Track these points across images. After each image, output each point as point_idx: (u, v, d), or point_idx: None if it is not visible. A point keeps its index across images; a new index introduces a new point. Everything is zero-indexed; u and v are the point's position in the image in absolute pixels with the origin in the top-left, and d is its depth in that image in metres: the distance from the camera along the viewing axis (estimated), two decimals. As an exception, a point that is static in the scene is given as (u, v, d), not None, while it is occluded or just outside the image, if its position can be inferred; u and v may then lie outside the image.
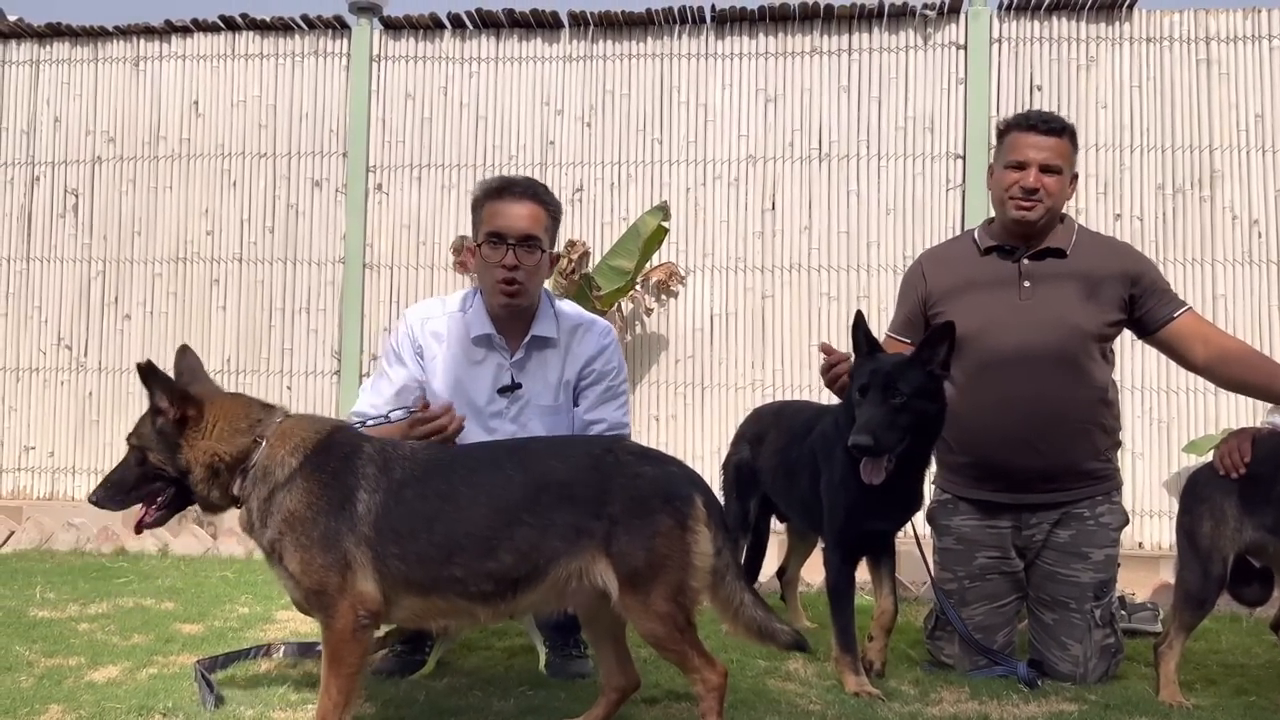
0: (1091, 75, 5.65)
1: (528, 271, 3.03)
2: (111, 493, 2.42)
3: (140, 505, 2.44)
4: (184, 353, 2.57)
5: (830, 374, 3.06)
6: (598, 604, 2.43)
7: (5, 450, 6.30)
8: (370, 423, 2.89)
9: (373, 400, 3.12)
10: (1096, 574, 3.18)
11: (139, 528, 2.48)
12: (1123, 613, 3.83)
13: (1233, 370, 3.16)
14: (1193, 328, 3.19)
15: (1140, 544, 5.36)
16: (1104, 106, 5.63)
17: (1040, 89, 5.64)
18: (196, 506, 2.49)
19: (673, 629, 2.32)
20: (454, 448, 2.77)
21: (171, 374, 2.45)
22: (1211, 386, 4.74)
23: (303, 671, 3.03)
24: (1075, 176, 3.29)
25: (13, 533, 5.47)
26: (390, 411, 2.96)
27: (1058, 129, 3.18)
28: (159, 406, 2.36)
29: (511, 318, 3.12)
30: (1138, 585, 4.64)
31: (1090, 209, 5.54)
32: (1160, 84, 5.62)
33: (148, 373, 2.35)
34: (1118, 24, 5.66)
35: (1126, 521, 3.28)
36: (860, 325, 3.01)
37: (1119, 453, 3.36)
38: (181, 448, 2.35)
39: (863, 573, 3.28)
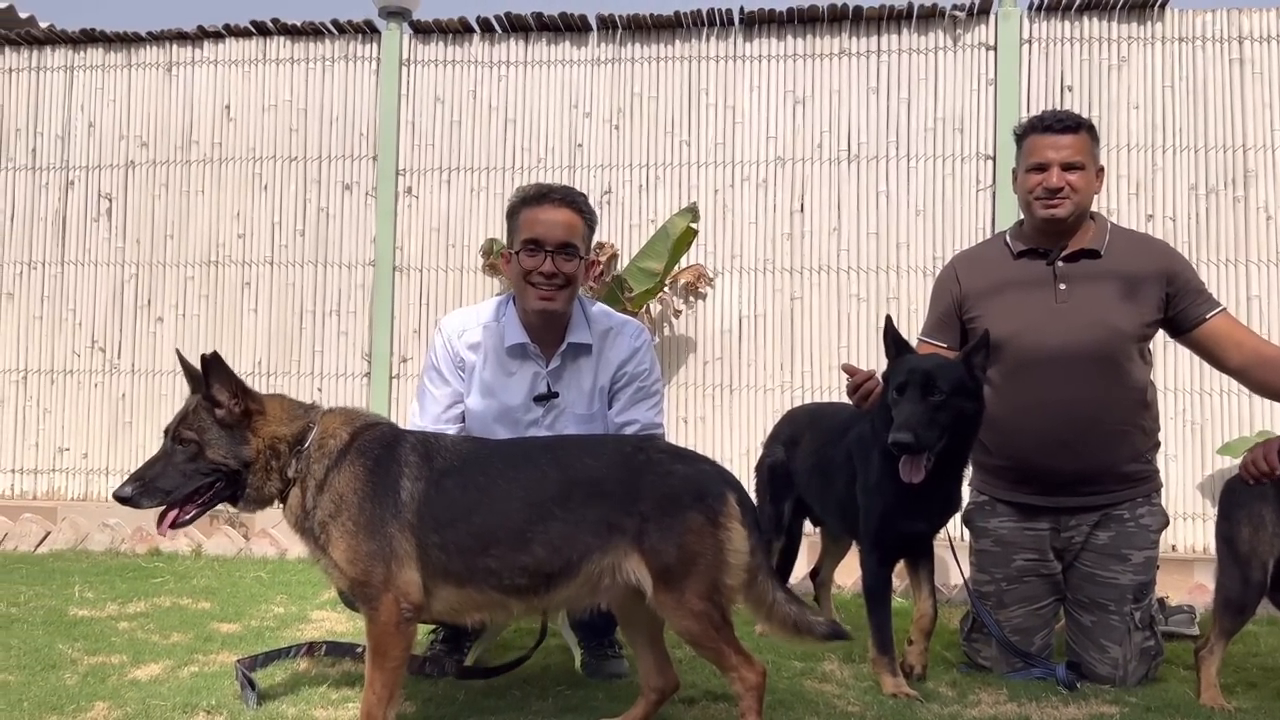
0: (1123, 75, 5.62)
1: (565, 278, 3.05)
2: (148, 489, 2.36)
3: (166, 505, 2.37)
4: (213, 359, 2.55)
5: (859, 393, 3.06)
6: (633, 602, 2.45)
7: (40, 451, 6.37)
8: None
9: (422, 424, 3.12)
10: (1136, 576, 3.16)
11: (173, 526, 2.40)
12: (1160, 615, 3.81)
13: (1267, 376, 3.14)
14: (1226, 330, 3.17)
15: (1174, 547, 5.31)
16: (1136, 107, 5.59)
17: (1071, 89, 5.60)
18: (229, 506, 2.50)
19: (708, 626, 2.33)
20: (491, 441, 2.80)
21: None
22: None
23: (342, 671, 3.05)
24: (1101, 170, 3.28)
25: (49, 533, 5.54)
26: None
27: (1073, 126, 3.17)
28: (219, 400, 2.38)
29: (546, 325, 3.13)
30: (1173, 588, 4.61)
31: (1122, 209, 5.50)
32: (1193, 84, 5.58)
33: (212, 365, 2.37)
34: (1149, 24, 5.62)
35: (1167, 523, 3.27)
36: (891, 329, 3.01)
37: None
38: (248, 439, 2.38)
39: (899, 576, 3.28)
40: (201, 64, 6.38)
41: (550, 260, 3.03)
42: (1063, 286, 3.16)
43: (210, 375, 2.38)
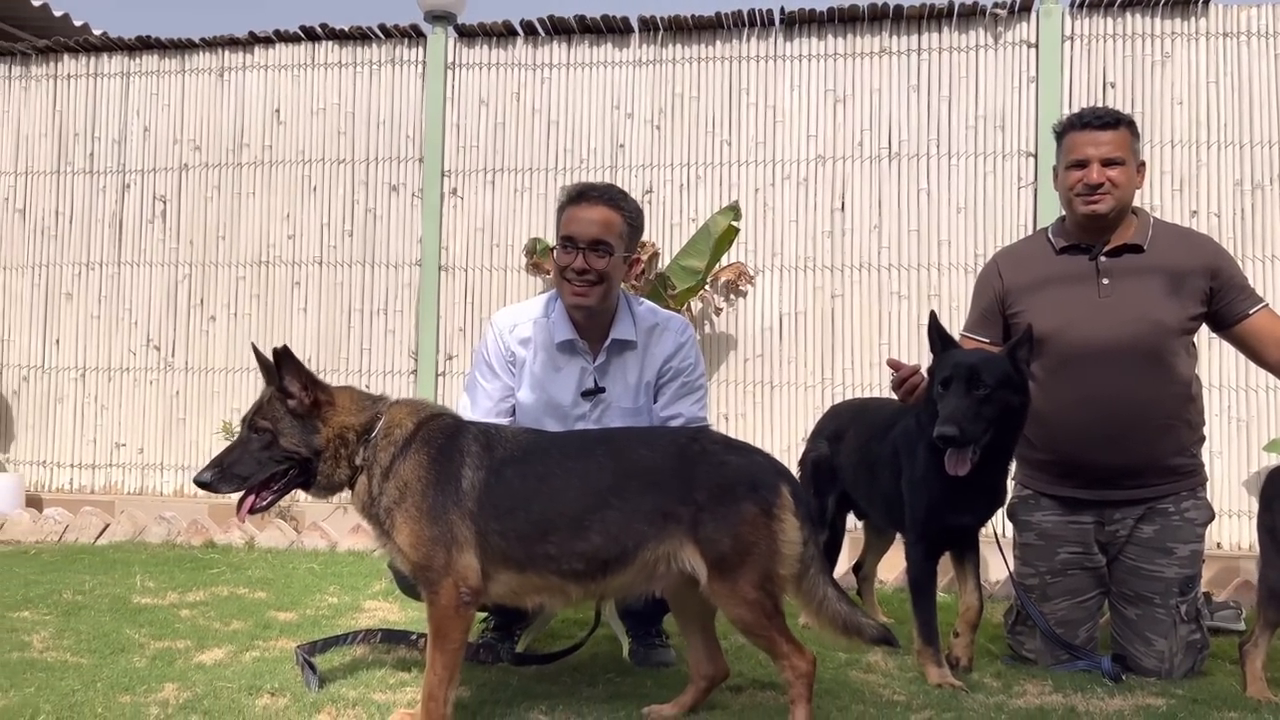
0: (1166, 71, 5.60)
1: (598, 275, 3.10)
2: (225, 475, 2.47)
3: (244, 490, 2.48)
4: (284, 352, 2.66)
5: (904, 388, 3.10)
6: (686, 590, 2.50)
7: (98, 447, 6.56)
8: None
9: (473, 417, 3.14)
10: (1182, 569, 3.17)
11: (251, 511, 2.51)
12: (1205, 610, 3.81)
13: None
14: (1268, 326, 3.18)
15: (1220, 544, 5.28)
16: (1180, 103, 5.57)
17: (1114, 86, 5.59)
18: (300, 493, 2.61)
19: (761, 615, 2.37)
20: (550, 433, 2.87)
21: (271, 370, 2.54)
22: (1294, 384, 4.69)
23: (398, 657, 3.13)
24: (1142, 165, 3.29)
25: (107, 525, 5.70)
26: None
27: (1112, 122, 3.19)
28: (291, 391, 2.48)
29: (589, 321, 3.19)
30: (1218, 585, 4.60)
31: (1166, 205, 5.48)
32: (1238, 79, 5.55)
33: (284, 358, 2.47)
34: (1193, 19, 5.60)
35: (1212, 517, 3.27)
36: (935, 324, 3.05)
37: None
38: (318, 428, 2.48)
39: (945, 570, 3.31)
40: (252, 69, 6.53)
41: (582, 257, 3.08)
42: (1105, 281, 3.18)
43: (282, 367, 2.48)
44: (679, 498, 2.39)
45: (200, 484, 2.48)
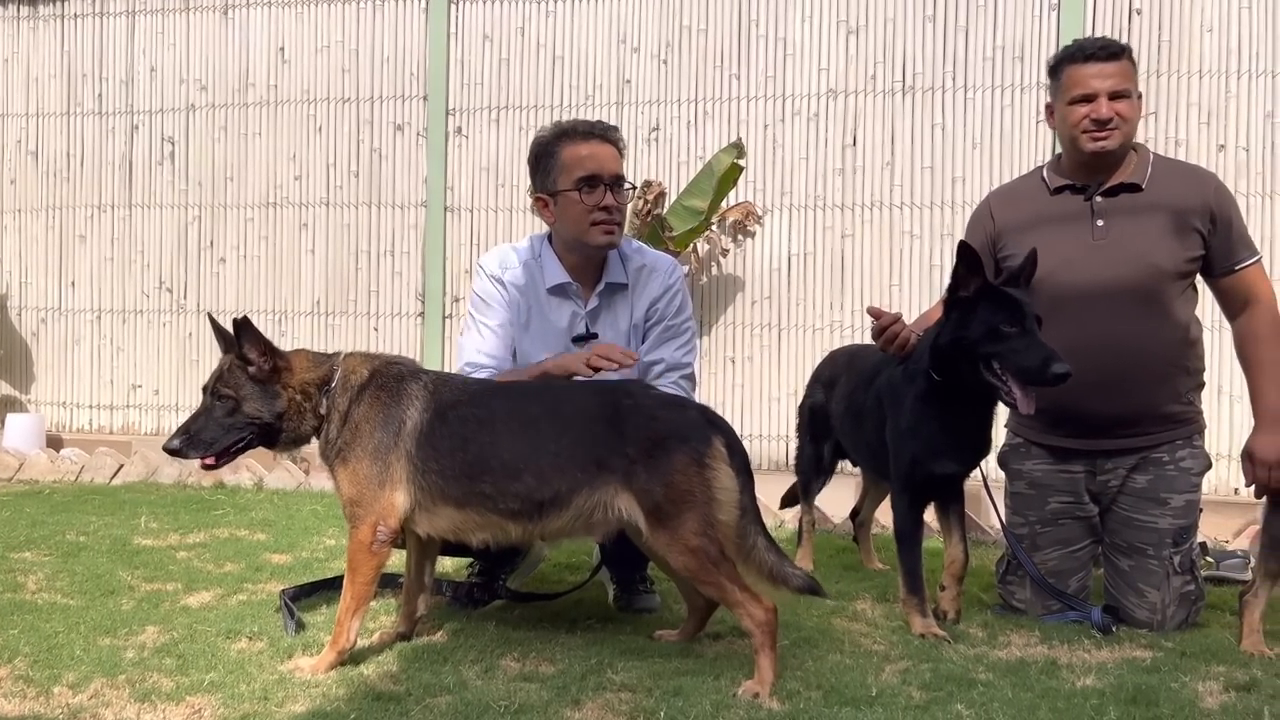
0: (1197, -4, 5.33)
1: (621, 212, 3.09)
2: (193, 441, 2.59)
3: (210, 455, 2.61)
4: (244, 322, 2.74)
5: (884, 336, 3.01)
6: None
7: (115, 388, 6.64)
8: (492, 373, 3.02)
9: (483, 348, 3.11)
10: (1176, 520, 3.08)
11: (208, 469, 2.72)
12: (1209, 560, 3.73)
13: (1243, 354, 3.07)
14: (1243, 287, 3.04)
15: (1236, 490, 5.15)
16: (1209, 30, 5.30)
17: (1140, 12, 5.33)
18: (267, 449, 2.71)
19: (704, 561, 2.43)
20: (496, 382, 2.86)
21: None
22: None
23: (380, 602, 3.15)
24: (1140, 95, 3.13)
25: (122, 465, 5.78)
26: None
27: (1117, 52, 3.04)
28: (251, 359, 2.57)
29: (586, 264, 3.13)
30: (1232, 532, 4.50)
31: (1192, 140, 5.26)
32: (1272, 4, 5.26)
33: (243, 328, 2.56)
34: (1227, -61, 5.31)
35: (1209, 466, 3.16)
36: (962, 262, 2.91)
37: (1207, 394, 3.23)
38: (279, 392, 2.59)
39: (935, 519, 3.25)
40: (256, 6, 6.44)
41: (610, 194, 3.04)
42: (1100, 223, 3.05)
43: (243, 337, 2.57)
44: (611, 449, 2.48)
45: (169, 451, 2.61)
